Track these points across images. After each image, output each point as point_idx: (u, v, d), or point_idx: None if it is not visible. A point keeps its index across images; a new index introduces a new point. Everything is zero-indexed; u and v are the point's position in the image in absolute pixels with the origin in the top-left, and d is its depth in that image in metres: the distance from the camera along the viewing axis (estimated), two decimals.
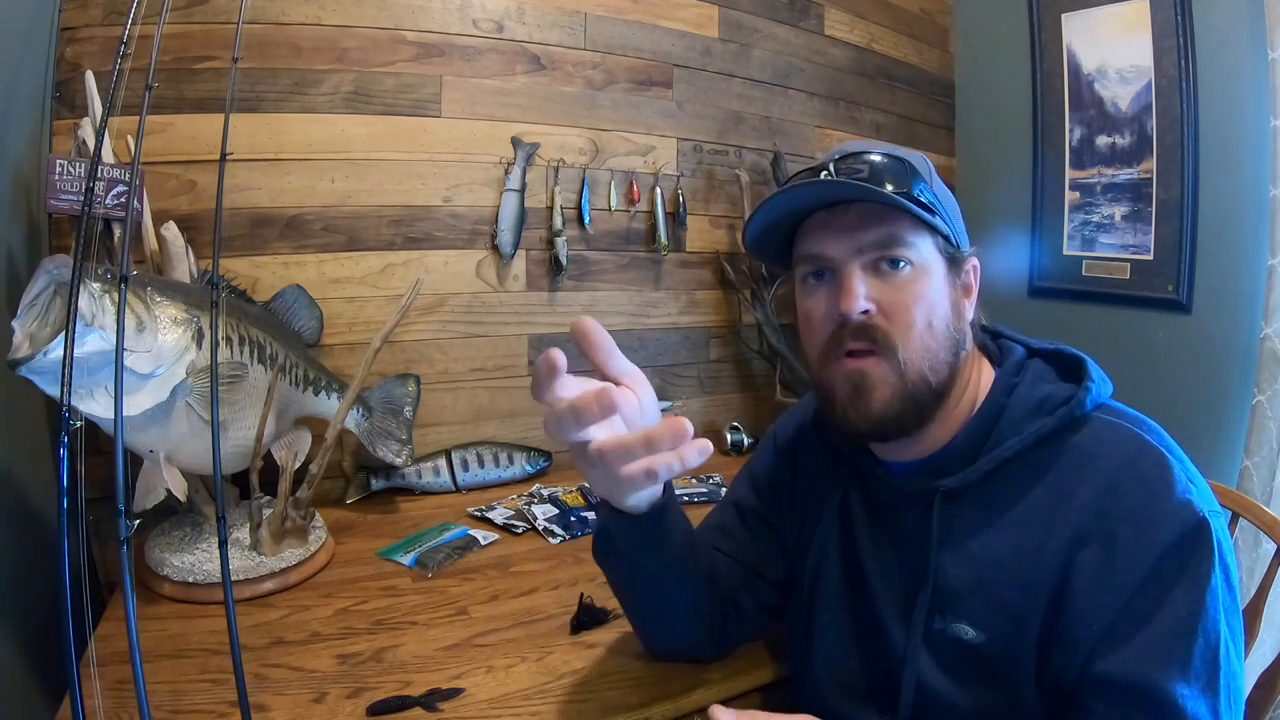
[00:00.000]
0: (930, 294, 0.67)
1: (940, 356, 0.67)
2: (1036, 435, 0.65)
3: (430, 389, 1.48)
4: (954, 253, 0.69)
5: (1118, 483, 0.60)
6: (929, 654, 0.67)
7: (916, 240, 0.67)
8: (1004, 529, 0.64)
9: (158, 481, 0.95)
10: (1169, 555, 0.57)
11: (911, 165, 0.69)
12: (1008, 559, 0.63)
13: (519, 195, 1.53)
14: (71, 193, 1.01)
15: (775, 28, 1.89)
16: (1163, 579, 0.56)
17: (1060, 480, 0.63)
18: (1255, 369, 1.50)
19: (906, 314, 0.66)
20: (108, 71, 0.88)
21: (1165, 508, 0.58)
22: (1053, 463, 0.64)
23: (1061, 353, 0.72)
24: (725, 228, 1.84)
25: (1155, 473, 0.60)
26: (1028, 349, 0.74)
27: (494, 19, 1.53)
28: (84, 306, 0.82)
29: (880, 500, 0.75)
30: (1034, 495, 0.64)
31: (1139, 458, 0.61)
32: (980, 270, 0.73)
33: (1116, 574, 0.57)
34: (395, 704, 0.78)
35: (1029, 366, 0.71)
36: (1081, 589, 0.59)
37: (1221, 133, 1.63)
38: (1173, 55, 1.69)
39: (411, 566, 1.13)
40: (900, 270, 0.66)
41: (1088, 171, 1.90)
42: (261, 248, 1.35)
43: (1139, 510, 0.58)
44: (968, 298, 0.71)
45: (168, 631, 0.92)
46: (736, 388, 1.90)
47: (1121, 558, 0.58)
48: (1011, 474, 0.65)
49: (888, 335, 0.66)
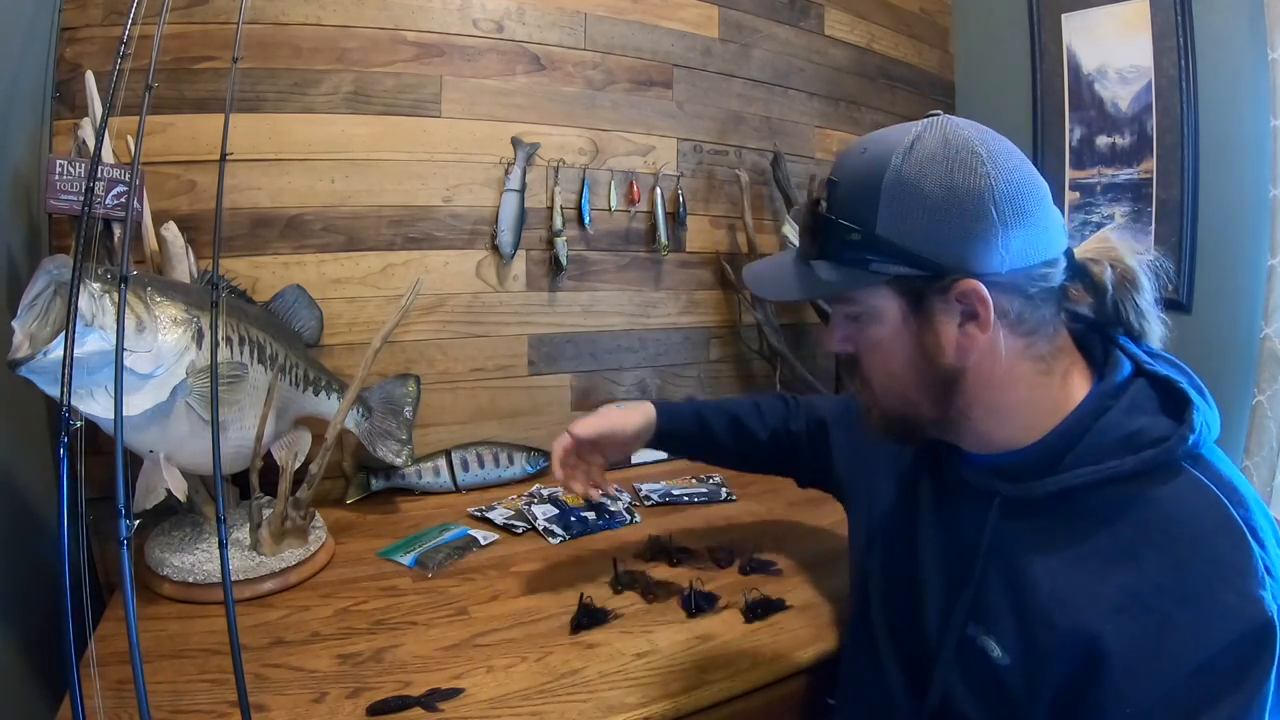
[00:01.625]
0: (881, 341, 0.65)
1: (910, 395, 0.66)
2: (1112, 473, 0.58)
3: (430, 389, 1.48)
4: (922, 286, 0.61)
5: (1188, 560, 0.54)
6: (958, 658, 0.66)
7: (855, 294, 0.64)
8: (1053, 560, 0.60)
9: (158, 481, 0.95)
10: (1225, 653, 0.51)
11: (873, 192, 0.60)
12: (1045, 594, 0.59)
13: (519, 195, 1.53)
14: (71, 193, 1.01)
15: (775, 28, 1.89)
16: (1214, 679, 0.51)
17: (1126, 534, 0.57)
18: (1255, 369, 1.50)
19: (865, 359, 0.68)
20: (108, 71, 0.88)
21: (1232, 600, 0.52)
22: (1124, 512, 0.58)
23: (1172, 382, 0.62)
24: (725, 228, 1.84)
25: (1232, 556, 0.53)
26: (1137, 367, 0.64)
27: (494, 19, 1.53)
28: (84, 306, 0.82)
29: (950, 486, 0.74)
30: (1095, 540, 0.58)
31: (1218, 535, 0.54)
32: (982, 292, 0.59)
33: (1163, 660, 0.52)
34: (395, 704, 0.78)
35: (1130, 389, 0.62)
36: (1122, 664, 0.53)
37: (1221, 133, 1.63)
38: (1173, 55, 1.69)
39: (411, 566, 1.13)
40: (856, 319, 0.67)
41: (1088, 171, 1.90)
42: (261, 248, 1.35)
43: (1203, 595, 0.52)
44: (974, 323, 0.60)
45: (168, 631, 0.92)
46: (736, 388, 1.89)
47: (1172, 643, 0.52)
48: (1076, 505, 0.60)
49: (861, 372, 0.70)
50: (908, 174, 0.60)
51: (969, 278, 0.59)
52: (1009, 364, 0.63)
